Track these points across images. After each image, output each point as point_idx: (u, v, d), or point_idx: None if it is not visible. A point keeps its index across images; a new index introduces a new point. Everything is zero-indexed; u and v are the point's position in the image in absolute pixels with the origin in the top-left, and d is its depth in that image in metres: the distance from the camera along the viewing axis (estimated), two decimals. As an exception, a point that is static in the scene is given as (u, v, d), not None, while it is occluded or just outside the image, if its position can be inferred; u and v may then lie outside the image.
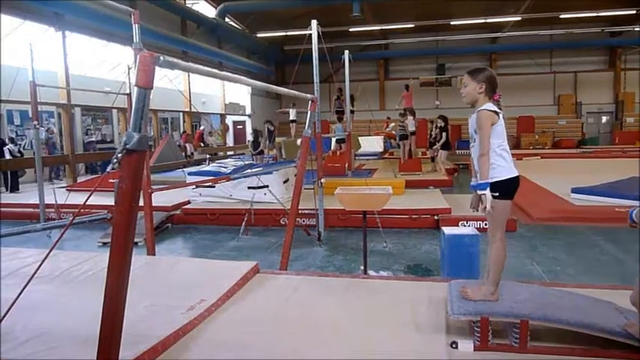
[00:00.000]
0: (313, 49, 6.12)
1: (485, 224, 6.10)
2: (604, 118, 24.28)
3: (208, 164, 12.28)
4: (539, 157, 16.26)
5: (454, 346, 2.36)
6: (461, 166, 14.69)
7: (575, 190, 7.59)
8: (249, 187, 7.18)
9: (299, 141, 10.69)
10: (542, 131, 22.72)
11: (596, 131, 23.98)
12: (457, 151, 21.34)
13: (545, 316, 2.29)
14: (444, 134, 11.30)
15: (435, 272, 4.61)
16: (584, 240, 5.72)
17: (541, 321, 2.28)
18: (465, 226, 5.92)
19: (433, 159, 11.90)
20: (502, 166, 2.48)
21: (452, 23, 20.99)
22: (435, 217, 6.49)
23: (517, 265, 4.80)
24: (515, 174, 2.52)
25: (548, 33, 22.19)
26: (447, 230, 3.95)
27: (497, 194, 2.47)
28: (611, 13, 19.43)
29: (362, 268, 4.29)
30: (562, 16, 19.68)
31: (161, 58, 1.67)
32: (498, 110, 2.52)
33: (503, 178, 2.48)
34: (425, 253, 5.38)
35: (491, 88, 2.56)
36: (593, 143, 21.69)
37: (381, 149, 17.69)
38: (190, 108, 17.53)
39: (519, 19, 19.62)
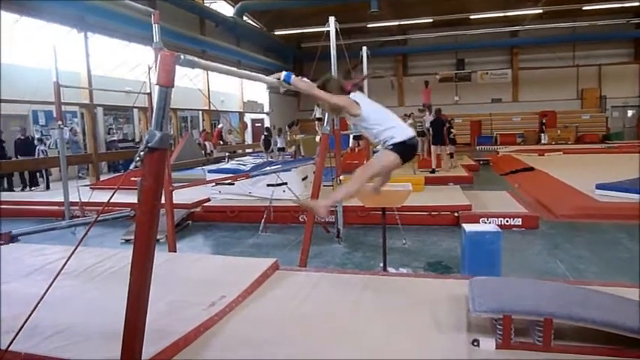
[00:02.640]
0: (331, 46, 6.09)
1: (507, 221, 6.07)
2: (629, 112, 23.70)
3: (227, 162, 12.39)
4: (561, 152, 15.98)
5: (475, 344, 2.33)
6: (481, 162, 14.50)
7: (599, 186, 7.41)
8: (268, 185, 7.21)
9: (318, 138, 10.68)
10: (564, 126, 22.30)
11: (621, 126, 23.45)
12: (477, 147, 21.12)
13: (570, 314, 2.25)
14: (430, 129, 11.05)
15: (455, 270, 4.57)
16: (609, 237, 5.61)
17: (565, 319, 2.24)
18: (485, 223, 5.86)
19: (452, 155, 11.71)
20: (394, 127, 2.71)
21: (471, 17, 20.72)
22: (455, 214, 6.43)
23: (540, 262, 4.73)
24: (408, 136, 2.71)
25: (570, 25, 21.72)
26: (468, 227, 3.91)
27: (391, 147, 2.69)
28: (635, 3, 18.90)
29: (381, 265, 4.28)
30: (585, 8, 19.26)
31: (182, 56, 1.68)
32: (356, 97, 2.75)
33: (399, 140, 2.67)
34: (445, 250, 5.34)
35: (337, 87, 2.76)
36: (618, 138, 21.20)
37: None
38: (209, 106, 17.68)
39: (540, 11, 19.27)
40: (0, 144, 11.18)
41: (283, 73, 2.67)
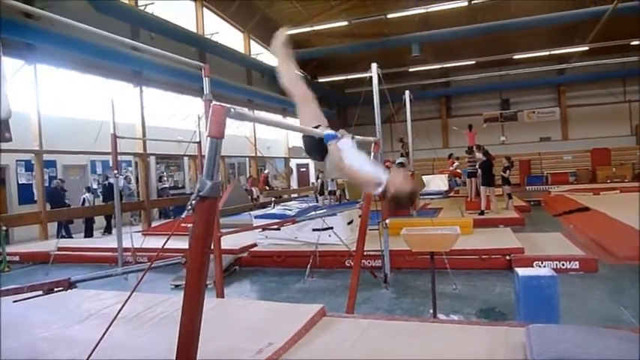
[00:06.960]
0: (374, 91, 6.20)
1: (563, 264, 5.79)
2: (690, 147, 22.46)
3: (274, 207, 12.53)
4: (618, 190, 15.22)
5: (536, 397, 2.20)
6: (532, 203, 14.01)
7: (663, 226, 6.97)
8: (313, 229, 7.23)
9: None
10: (620, 163, 21.37)
11: (681, 161, 22.22)
12: (527, 188, 20.50)
13: (639, 366, 2.09)
14: (479, 170, 10.94)
15: (509, 316, 4.36)
16: (678, 281, 5.22)
17: (634, 371, 2.09)
18: (540, 266, 5.61)
19: (511, 196, 11.49)
20: None
21: (515, 57, 20.57)
22: (507, 258, 6.20)
23: (601, 309, 4.46)
24: None
25: (619, 61, 21.10)
26: (521, 271, 3.76)
27: None
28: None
29: (431, 311, 4.15)
30: (633, 43, 18.76)
31: (232, 109, 1.76)
32: None
33: None
34: (498, 296, 5.12)
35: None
36: (679, 174, 20.07)
37: (445, 188, 17.31)
38: (256, 153, 18.16)
39: (587, 48, 18.91)
40: (62, 192, 11.78)
41: (324, 133, 2.68)
